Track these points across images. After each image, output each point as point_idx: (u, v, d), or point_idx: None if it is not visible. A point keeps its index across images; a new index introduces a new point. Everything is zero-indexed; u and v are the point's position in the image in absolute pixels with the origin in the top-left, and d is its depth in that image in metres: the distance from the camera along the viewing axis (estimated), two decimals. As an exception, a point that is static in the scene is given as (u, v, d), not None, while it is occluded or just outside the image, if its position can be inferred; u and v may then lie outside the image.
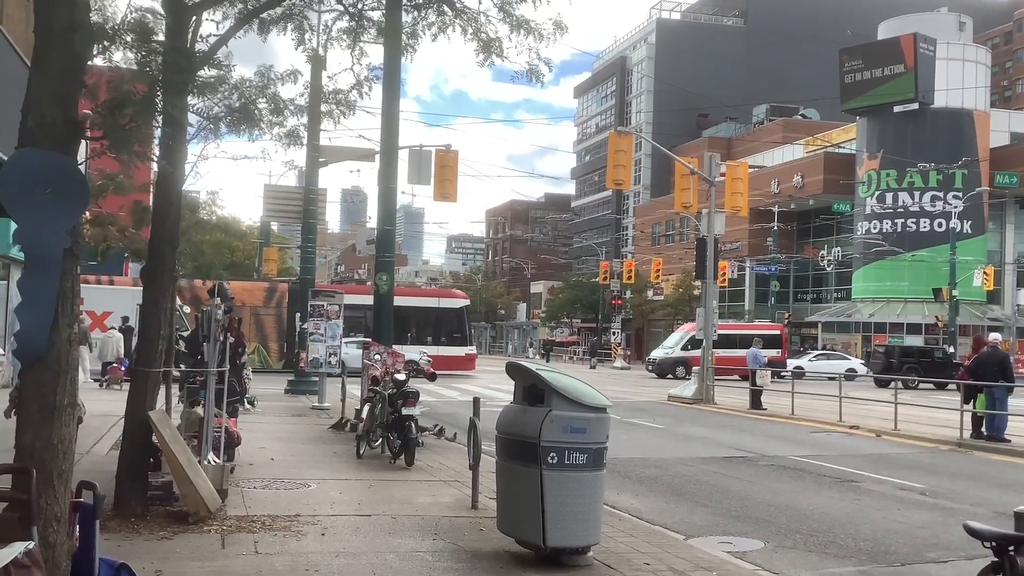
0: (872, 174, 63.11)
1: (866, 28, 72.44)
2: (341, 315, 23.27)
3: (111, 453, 12.50)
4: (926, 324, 58.58)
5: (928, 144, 59.98)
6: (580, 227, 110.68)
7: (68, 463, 5.23)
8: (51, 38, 5.08)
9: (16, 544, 4.20)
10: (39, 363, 5.07)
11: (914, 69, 60.52)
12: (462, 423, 17.63)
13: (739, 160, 45.04)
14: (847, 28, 78.99)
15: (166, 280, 9.49)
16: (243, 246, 54.46)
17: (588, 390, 8.39)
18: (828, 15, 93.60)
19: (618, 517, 10.15)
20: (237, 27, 8.82)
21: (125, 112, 5.49)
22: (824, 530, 10.32)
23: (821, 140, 69.54)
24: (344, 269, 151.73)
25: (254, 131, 9.25)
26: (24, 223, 4.87)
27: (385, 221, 19.51)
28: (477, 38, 10.64)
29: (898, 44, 61.88)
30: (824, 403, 25.20)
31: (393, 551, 8.33)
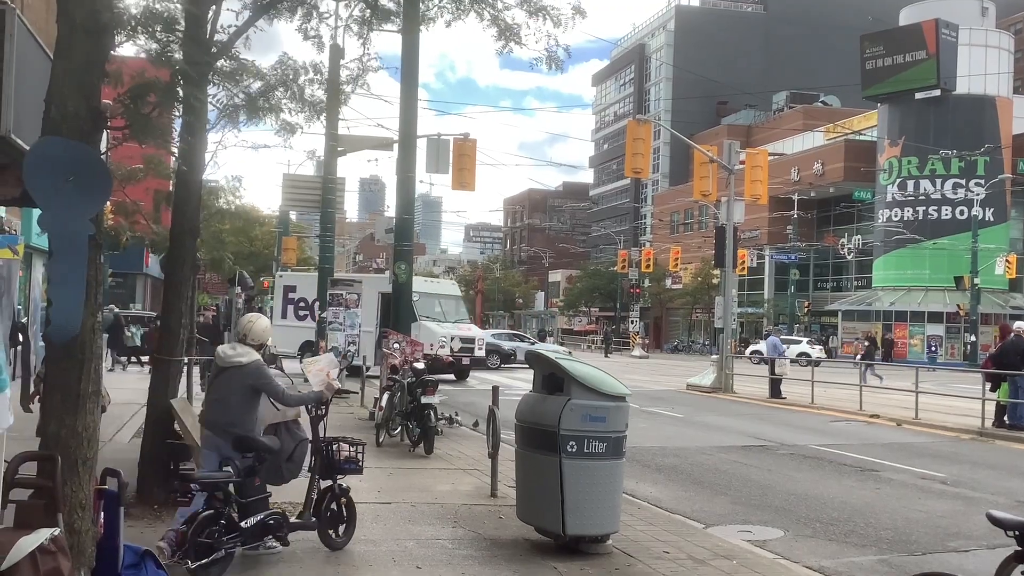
0: (893, 161, 62.60)
1: (887, 14, 71.74)
2: (360, 304, 23.36)
3: (133, 441, 12.61)
4: (947, 312, 58.14)
5: (950, 131, 59.40)
6: (598, 215, 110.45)
7: (92, 451, 5.29)
8: (74, 28, 5.11)
9: (42, 530, 4.25)
10: (63, 351, 5.12)
11: (936, 55, 59.90)
12: (480, 412, 17.69)
13: (759, 148, 44.77)
14: (868, 14, 78.27)
15: (187, 269, 9.55)
16: (262, 235, 54.56)
17: (607, 379, 8.39)
18: (849, 1, 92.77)
19: (637, 505, 10.15)
20: (256, 16, 8.84)
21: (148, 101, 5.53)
22: (844, 519, 10.29)
23: (842, 127, 68.98)
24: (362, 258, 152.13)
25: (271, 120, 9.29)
26: (49, 211, 4.92)
27: (404, 210, 19.53)
28: (495, 24, 10.63)
29: (920, 30, 61.25)
30: (844, 392, 25.08)
31: (413, 538, 8.37)
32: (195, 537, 6.33)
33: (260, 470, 7.20)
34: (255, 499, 7.12)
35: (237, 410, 7.33)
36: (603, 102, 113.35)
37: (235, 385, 7.36)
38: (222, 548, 6.55)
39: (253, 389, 7.41)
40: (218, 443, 7.31)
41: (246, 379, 7.35)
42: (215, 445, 7.35)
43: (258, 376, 7.41)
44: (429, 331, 28.70)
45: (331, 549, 7.72)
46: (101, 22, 5.07)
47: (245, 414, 7.38)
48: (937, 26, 59.92)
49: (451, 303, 33.72)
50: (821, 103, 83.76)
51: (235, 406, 7.33)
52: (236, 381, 7.36)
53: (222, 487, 6.74)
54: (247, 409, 7.41)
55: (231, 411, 7.32)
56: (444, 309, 32.39)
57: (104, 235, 5.35)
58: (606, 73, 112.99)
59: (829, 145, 69.49)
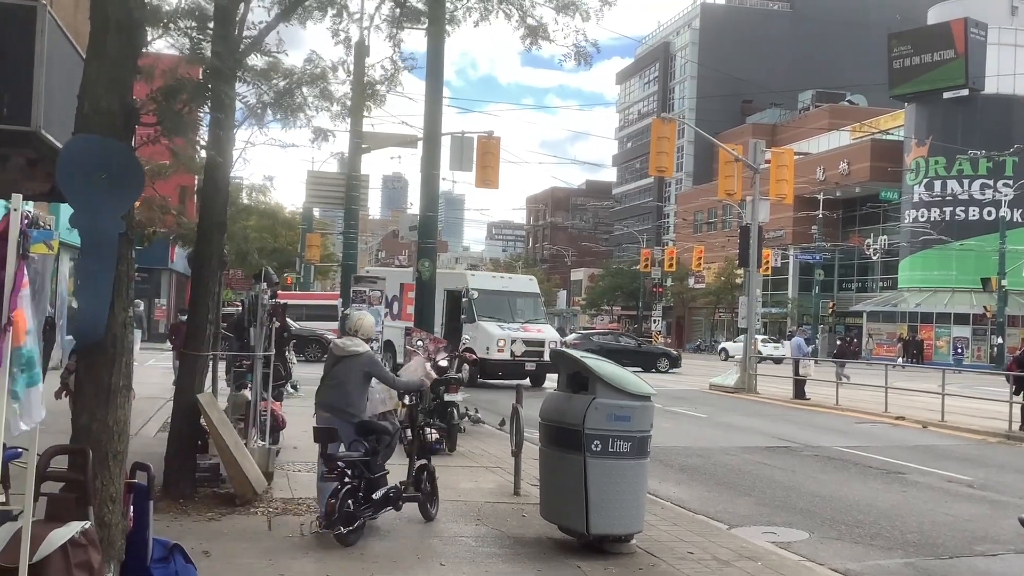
0: (920, 161, 62.03)
1: (915, 13, 71.08)
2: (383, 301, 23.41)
3: (159, 435, 12.71)
4: (974, 314, 57.58)
5: (978, 131, 58.78)
6: (621, 214, 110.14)
7: (123, 444, 5.33)
8: (107, 24, 5.15)
9: (73, 523, 4.28)
10: (95, 346, 5.16)
11: (964, 55, 59.30)
12: (502, 410, 17.69)
13: (784, 147, 44.51)
14: (896, 13, 77.63)
15: (214, 264, 9.61)
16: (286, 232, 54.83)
17: (632, 378, 8.38)
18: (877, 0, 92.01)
19: (660, 505, 10.12)
20: (284, 15, 8.87)
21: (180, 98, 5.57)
22: (870, 521, 10.22)
23: (868, 126, 68.42)
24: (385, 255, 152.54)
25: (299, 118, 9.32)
26: (80, 208, 4.95)
27: (427, 207, 19.54)
28: (523, 23, 10.60)
29: (948, 29, 60.65)
30: (869, 393, 24.89)
31: (436, 536, 8.39)
32: (342, 508, 7.50)
33: (381, 450, 8.33)
34: (380, 475, 8.28)
35: (354, 394, 8.55)
36: (627, 100, 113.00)
37: (352, 372, 8.54)
38: (361, 516, 7.80)
39: (367, 375, 8.64)
40: (334, 423, 8.34)
41: (362, 367, 8.56)
42: (327, 426, 8.37)
43: (371, 364, 8.72)
44: (486, 333, 26.52)
45: (427, 520, 8.76)
46: (134, 18, 5.11)
47: (359, 397, 8.63)
48: (966, 25, 59.31)
49: (526, 301, 29.77)
50: (847, 102, 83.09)
51: (352, 390, 8.53)
52: (353, 368, 8.55)
53: (359, 464, 7.89)
54: (361, 393, 8.66)
55: (348, 395, 8.52)
56: (515, 308, 28.76)
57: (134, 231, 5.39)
58: (630, 71, 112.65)
59: (855, 144, 68.95)
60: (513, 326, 27.52)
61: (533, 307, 29.85)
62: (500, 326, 27.06)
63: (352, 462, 7.87)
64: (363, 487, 7.92)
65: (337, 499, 7.54)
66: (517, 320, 28.13)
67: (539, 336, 27.69)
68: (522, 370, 26.45)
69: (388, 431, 8.61)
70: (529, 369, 26.79)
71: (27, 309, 3.67)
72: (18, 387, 3.67)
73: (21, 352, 3.66)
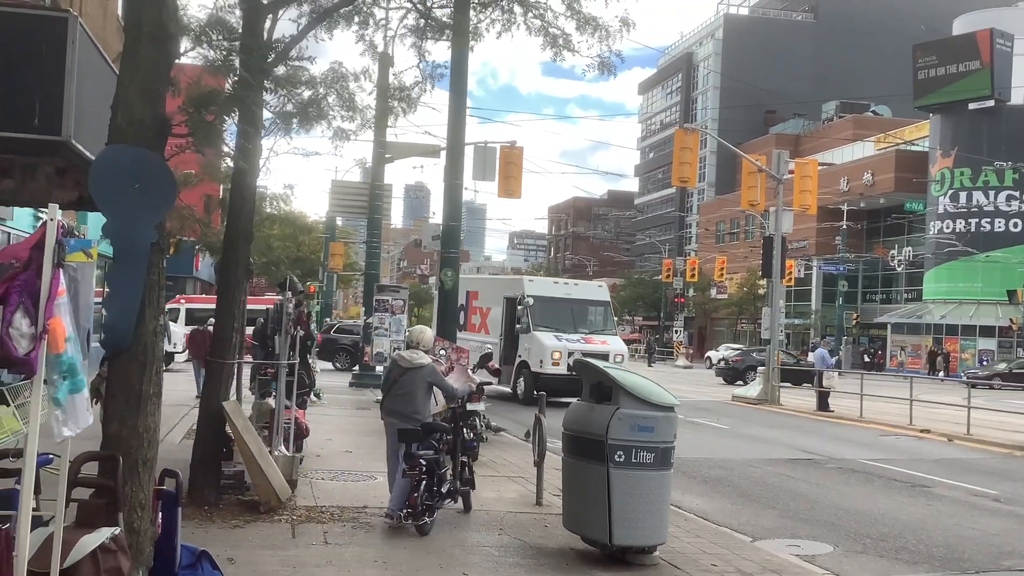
0: (945, 172, 61.56)
1: (940, 23, 70.63)
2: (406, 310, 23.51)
3: (184, 442, 12.80)
4: (999, 327, 57.01)
5: (1004, 142, 58.27)
6: (643, 224, 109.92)
7: (152, 451, 5.39)
8: (140, 36, 5.22)
9: (103, 529, 4.33)
10: (126, 353, 5.22)
11: (990, 65, 58.86)
12: (524, 419, 17.67)
13: (807, 157, 44.30)
14: (921, 23, 77.13)
15: (240, 273, 9.68)
16: (309, 240, 55.09)
17: (656, 388, 8.36)
18: (901, 10, 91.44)
19: (684, 517, 10.09)
20: (311, 26, 8.96)
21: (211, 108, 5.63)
22: (895, 535, 10.14)
23: (893, 137, 68.00)
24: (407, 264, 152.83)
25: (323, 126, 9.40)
26: (113, 217, 5.02)
27: (450, 217, 19.61)
28: (545, 34, 10.65)
29: (974, 40, 60.24)
30: (894, 406, 24.69)
31: (459, 545, 8.40)
32: (424, 501, 8.58)
33: (443, 449, 9.31)
34: (444, 471, 9.25)
35: (421, 402, 9.51)
36: (649, 110, 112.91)
37: (418, 382, 9.49)
38: (435, 509, 8.83)
39: (430, 384, 9.62)
40: (396, 428, 9.27)
41: (426, 377, 9.53)
42: (395, 430, 9.33)
43: (434, 375, 9.71)
44: (539, 344, 24.10)
45: (466, 510, 9.64)
46: (167, 30, 5.18)
47: (424, 405, 9.59)
48: (992, 36, 58.90)
49: (593, 311, 26.89)
50: (872, 113, 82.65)
51: (419, 398, 9.49)
52: (418, 379, 9.50)
53: (433, 462, 8.87)
54: (426, 401, 9.63)
55: (416, 402, 9.46)
56: (578, 318, 26.01)
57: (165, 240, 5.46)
58: (653, 81, 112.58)
59: (879, 155, 68.53)
60: (573, 337, 24.84)
61: (602, 317, 27.01)
62: (557, 337, 24.57)
63: (431, 460, 8.84)
64: (435, 482, 8.92)
65: (419, 493, 8.57)
66: (580, 331, 25.47)
67: (602, 348, 24.66)
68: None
69: (449, 431, 9.59)
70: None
71: (65, 317, 3.72)
72: (60, 394, 3.72)
73: (62, 359, 3.71)
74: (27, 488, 3.75)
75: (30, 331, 3.60)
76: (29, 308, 3.60)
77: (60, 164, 8.92)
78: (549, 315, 25.06)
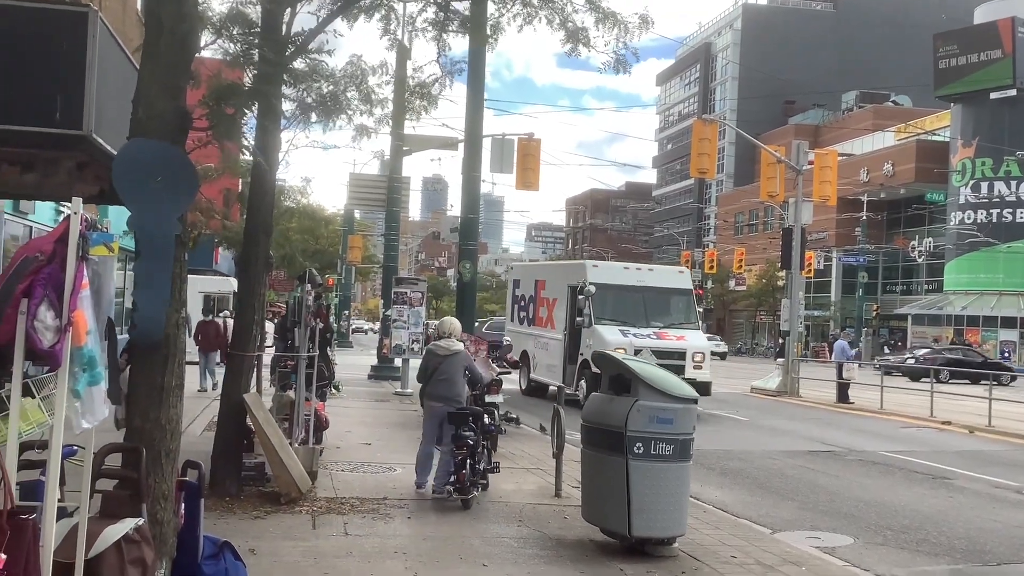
0: (967, 162, 61.08)
1: (961, 12, 70.00)
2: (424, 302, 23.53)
3: (205, 434, 12.89)
4: (1021, 318, 56.55)
5: (1026, 131, 57.78)
6: (661, 216, 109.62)
7: (175, 443, 5.43)
8: (161, 30, 5.25)
9: (127, 520, 4.37)
10: (149, 346, 5.27)
11: (1012, 54, 58.31)
12: (542, 412, 17.68)
13: (827, 148, 44.02)
14: (942, 12, 76.48)
15: (260, 266, 9.73)
16: (327, 233, 55.29)
17: (675, 380, 8.36)
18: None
19: (703, 509, 10.07)
20: (331, 18, 8.97)
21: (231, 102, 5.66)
22: (915, 527, 10.09)
23: (913, 127, 67.49)
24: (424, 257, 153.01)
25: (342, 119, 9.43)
26: (137, 211, 5.05)
27: (469, 209, 19.65)
28: (564, 28, 10.63)
29: (995, 28, 59.66)
30: (915, 398, 24.55)
31: (478, 536, 8.42)
32: (471, 476, 9.49)
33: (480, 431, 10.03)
34: (481, 451, 10.02)
35: (460, 386, 10.39)
36: (667, 101, 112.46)
37: (456, 367, 10.34)
38: (478, 485, 9.76)
39: (466, 369, 10.49)
40: (442, 412, 10.12)
41: (462, 362, 10.44)
42: (439, 414, 10.17)
43: (468, 360, 10.74)
44: (600, 339, 20.18)
45: (484, 489, 10.09)
46: (187, 24, 5.21)
47: (462, 388, 10.48)
48: (1013, 24, 58.31)
49: (672, 300, 23.01)
50: (892, 103, 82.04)
51: (458, 383, 10.36)
52: (456, 364, 10.35)
53: (475, 442, 9.68)
54: (463, 385, 10.49)
55: (455, 386, 10.31)
56: (652, 308, 22.23)
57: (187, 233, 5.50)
58: (671, 72, 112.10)
59: (900, 145, 68.04)
60: (643, 332, 21.16)
61: (683, 307, 23.01)
62: (623, 331, 20.92)
63: (475, 442, 9.70)
64: (475, 460, 9.72)
65: (466, 470, 9.47)
66: (654, 324, 21.71)
67: (677, 345, 21.07)
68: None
69: (482, 416, 10.23)
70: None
71: (87, 310, 3.75)
72: (80, 386, 3.76)
73: (83, 352, 3.74)
74: (52, 479, 3.79)
75: (55, 324, 3.63)
76: (54, 301, 3.64)
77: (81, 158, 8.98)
78: (617, 306, 21.70)
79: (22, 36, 7.13)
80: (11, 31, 7.13)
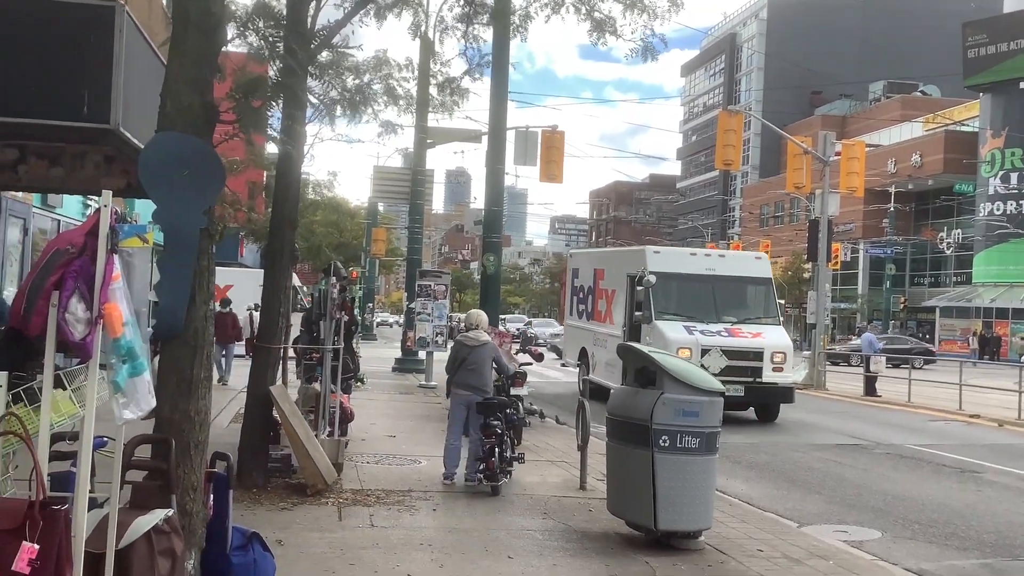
0: (996, 153, 60.29)
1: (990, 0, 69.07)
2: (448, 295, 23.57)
3: (231, 426, 12.98)
4: (1052, 311, 55.85)
5: (1057, 121, 56.96)
6: (685, 208, 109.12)
7: (204, 434, 5.47)
8: (188, 24, 5.28)
9: (156, 511, 4.40)
10: (178, 338, 5.31)
11: (1043, 42, 57.47)
12: (566, 404, 17.68)
13: (854, 139, 43.65)
14: (971, 1, 75.49)
15: (286, 259, 9.78)
16: (351, 226, 55.45)
17: (700, 373, 8.33)
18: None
19: (728, 502, 10.03)
20: (356, 9, 8.98)
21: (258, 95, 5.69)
22: (944, 521, 10.00)
23: (942, 117, 66.72)
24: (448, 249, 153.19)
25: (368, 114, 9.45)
26: (163, 204, 5.09)
27: (493, 202, 19.66)
28: (591, 17, 10.60)
29: (1026, 16, 58.86)
30: (943, 391, 24.31)
31: (503, 529, 8.43)
32: (499, 464, 9.79)
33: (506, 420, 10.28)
34: (508, 440, 10.29)
35: (488, 375, 10.70)
36: (692, 92, 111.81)
37: (484, 358, 10.57)
38: (507, 473, 10.10)
39: (493, 360, 10.80)
40: (470, 400, 10.35)
41: (490, 353, 10.69)
42: (467, 402, 10.38)
43: (495, 351, 11.08)
44: (661, 337, 17.48)
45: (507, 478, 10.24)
46: (214, 18, 5.23)
47: (490, 378, 10.85)
48: (1045, 12, 57.49)
49: (746, 291, 20.11)
50: (920, 93, 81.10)
51: (486, 373, 10.63)
52: (484, 355, 10.58)
53: (503, 431, 10.00)
54: (490, 374, 10.82)
55: (485, 376, 10.60)
56: (725, 301, 19.36)
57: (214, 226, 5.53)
58: (696, 63, 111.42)
59: (928, 136, 67.28)
60: (712, 328, 18.28)
61: (760, 299, 20.03)
62: (688, 327, 18.13)
63: (503, 430, 10.01)
64: (503, 449, 10.01)
65: (495, 457, 9.77)
66: (725, 319, 18.82)
67: (752, 344, 18.23)
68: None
69: (508, 405, 10.63)
70: (734, 395, 16.39)
71: (122, 302, 3.78)
72: (119, 378, 3.79)
73: (120, 343, 3.77)
74: (83, 470, 3.82)
75: (85, 316, 3.66)
76: (84, 293, 3.67)
77: (108, 152, 9.05)
78: (682, 298, 19.09)
79: (50, 31, 7.19)
80: (39, 26, 7.21)
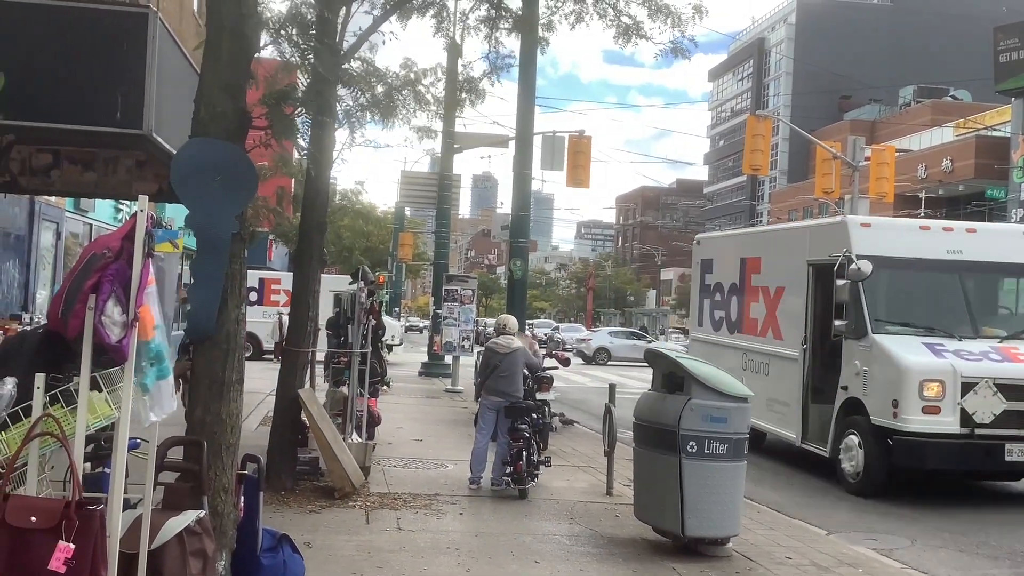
0: (1028, 158, 59.57)
1: (1022, 4, 68.31)
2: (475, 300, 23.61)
3: (260, 428, 13.07)
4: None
5: (1092, 126, 56.19)
6: (712, 213, 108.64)
7: (235, 437, 5.53)
8: (222, 31, 5.34)
9: (189, 512, 4.46)
10: (210, 341, 5.37)
11: (1077, 47, 56.77)
12: (592, 409, 17.65)
13: (884, 144, 43.28)
14: (1002, 4, 74.69)
15: (315, 264, 9.85)
16: (378, 231, 55.64)
17: (728, 379, 8.29)
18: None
19: (756, 509, 9.98)
20: (385, 16, 9.05)
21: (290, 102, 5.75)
22: (975, 530, 9.90)
23: (973, 122, 66.02)
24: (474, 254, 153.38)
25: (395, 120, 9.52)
26: (196, 209, 5.15)
27: (520, 207, 19.68)
28: (617, 23, 10.60)
29: (1059, 20, 58.14)
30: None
31: (530, 533, 8.44)
32: (527, 468, 9.85)
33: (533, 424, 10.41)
34: (535, 444, 10.38)
35: (519, 381, 10.73)
36: (719, 97, 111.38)
37: (516, 364, 10.64)
38: (534, 476, 10.12)
39: (525, 364, 11.02)
40: (500, 406, 10.37)
41: (521, 358, 10.77)
42: (497, 408, 10.40)
43: (527, 355, 11.28)
44: (890, 364, 11.29)
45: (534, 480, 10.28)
46: (247, 25, 5.29)
47: (521, 384, 10.84)
48: (1079, 16, 56.75)
49: (1020, 287, 13.14)
50: (951, 97, 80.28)
51: (518, 379, 10.68)
52: (516, 361, 10.64)
53: (531, 435, 10.11)
54: (521, 379, 10.86)
55: (517, 382, 10.64)
56: (983, 303, 13.01)
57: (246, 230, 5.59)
58: (723, 68, 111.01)
59: (959, 141, 66.58)
60: (975, 349, 11.47)
61: None
62: (931, 345, 11.50)
63: (531, 434, 10.16)
64: (531, 452, 10.07)
65: (523, 461, 9.82)
66: (987, 332, 12.13)
67: None
68: (999, 458, 10.92)
69: (536, 409, 10.81)
70: (1016, 461, 10.98)
71: (154, 306, 3.84)
72: (148, 380, 3.85)
73: (150, 346, 3.83)
74: (118, 471, 3.88)
75: (122, 319, 3.73)
76: (121, 297, 3.73)
77: (140, 157, 9.18)
78: (914, 299, 12.65)
79: (83, 38, 7.31)
80: (73, 33, 7.32)
